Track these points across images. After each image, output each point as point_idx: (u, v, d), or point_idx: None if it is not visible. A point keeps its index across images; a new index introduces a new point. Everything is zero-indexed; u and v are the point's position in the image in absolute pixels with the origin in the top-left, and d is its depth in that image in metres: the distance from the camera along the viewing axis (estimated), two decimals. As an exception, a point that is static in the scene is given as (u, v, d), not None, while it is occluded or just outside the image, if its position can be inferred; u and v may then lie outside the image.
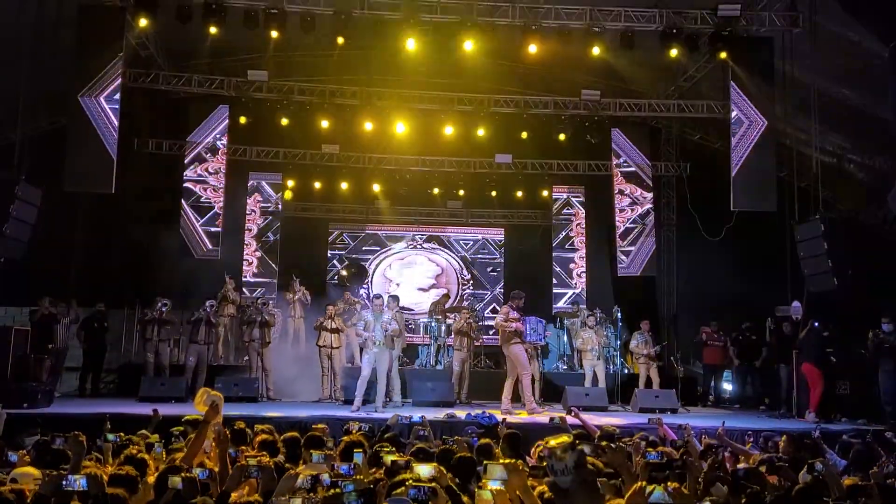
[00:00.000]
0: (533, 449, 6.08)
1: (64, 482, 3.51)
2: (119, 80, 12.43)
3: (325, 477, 3.87)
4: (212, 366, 12.99)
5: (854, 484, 4.69)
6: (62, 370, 13.01)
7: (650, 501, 3.27)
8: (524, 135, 15.92)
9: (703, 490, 4.56)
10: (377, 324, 11.02)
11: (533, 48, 12.98)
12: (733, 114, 12.99)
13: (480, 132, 15.77)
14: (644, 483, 3.50)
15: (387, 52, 13.80)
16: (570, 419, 8.50)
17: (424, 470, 3.82)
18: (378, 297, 12.02)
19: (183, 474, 3.92)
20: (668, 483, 3.81)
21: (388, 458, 4.45)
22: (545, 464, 4.06)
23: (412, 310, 17.66)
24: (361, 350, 11.81)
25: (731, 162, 12.92)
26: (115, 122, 12.27)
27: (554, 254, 18.28)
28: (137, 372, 12.73)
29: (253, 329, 12.80)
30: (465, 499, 3.87)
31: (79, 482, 3.54)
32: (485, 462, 3.77)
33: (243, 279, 16.77)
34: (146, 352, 12.82)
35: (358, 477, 3.98)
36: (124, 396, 12.31)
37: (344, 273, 15.83)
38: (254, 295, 16.19)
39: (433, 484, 3.42)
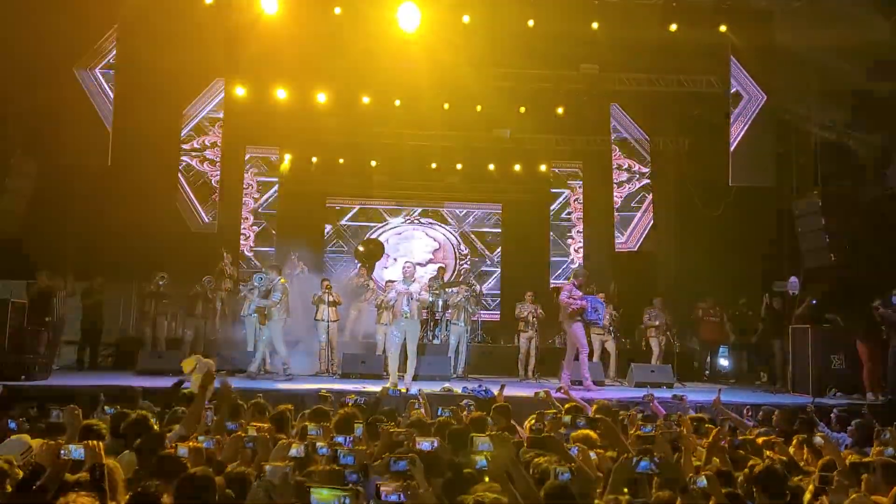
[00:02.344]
0: (525, 422, 6.15)
1: (62, 452, 3.53)
2: (114, 53, 12.33)
3: (323, 446, 3.90)
4: (209, 339, 13.01)
5: (857, 461, 4.71)
6: (60, 343, 13.02)
7: (637, 471, 3.30)
8: (522, 109, 15.83)
9: (704, 461, 4.59)
10: (405, 295, 10.80)
11: (531, 22, 12.88)
12: (733, 88, 12.93)
13: (478, 106, 15.68)
14: (631, 455, 3.54)
15: (385, 25, 13.68)
16: (557, 395, 8.55)
17: (426, 444, 3.84)
18: (408, 263, 11.69)
19: (190, 444, 3.96)
20: (655, 453, 3.85)
21: (389, 430, 4.48)
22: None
23: (409, 284, 17.61)
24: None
25: (731, 137, 12.88)
26: (111, 94, 12.20)
27: (551, 229, 18.27)
28: (135, 345, 12.76)
29: (251, 304, 12.79)
30: (466, 470, 3.90)
31: (76, 451, 3.56)
32: (471, 434, 3.79)
33: (241, 253, 16.77)
34: (144, 326, 12.83)
35: (360, 448, 4.01)
36: (122, 370, 12.35)
37: (361, 249, 15.76)
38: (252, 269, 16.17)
39: (413, 455, 3.45)
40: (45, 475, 3.51)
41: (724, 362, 14.97)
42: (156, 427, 4.58)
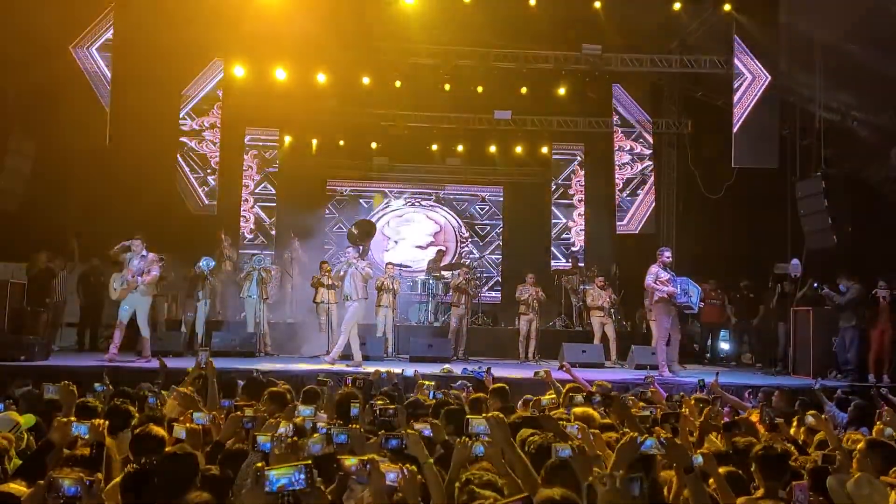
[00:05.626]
0: (520, 403, 6.13)
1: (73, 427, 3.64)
2: (111, 32, 12.24)
3: (321, 425, 3.90)
4: (209, 321, 12.98)
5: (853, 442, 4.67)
6: (61, 324, 13.01)
7: (642, 450, 3.28)
8: (524, 90, 15.71)
9: (697, 441, 4.56)
10: (348, 277, 11.11)
11: (533, 1, 12.76)
12: (736, 69, 12.81)
13: (480, 88, 15.56)
14: (636, 434, 3.50)
15: (385, 5, 13.60)
16: (558, 373, 8.51)
17: (424, 430, 3.84)
18: (349, 247, 12.14)
19: (187, 425, 4.03)
20: (660, 433, 3.81)
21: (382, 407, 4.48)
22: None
23: (410, 267, 17.58)
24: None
25: (734, 118, 12.79)
26: (108, 74, 12.12)
27: (553, 211, 18.20)
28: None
29: (250, 285, 12.77)
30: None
31: (79, 428, 3.66)
32: (467, 416, 3.78)
33: (240, 235, 16.72)
34: (143, 307, 12.76)
35: (354, 426, 4.01)
36: (122, 351, 12.30)
37: (354, 231, 15.72)
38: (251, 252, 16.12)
39: (411, 433, 3.44)
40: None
41: (724, 345, 14.93)
42: (135, 412, 4.58)
